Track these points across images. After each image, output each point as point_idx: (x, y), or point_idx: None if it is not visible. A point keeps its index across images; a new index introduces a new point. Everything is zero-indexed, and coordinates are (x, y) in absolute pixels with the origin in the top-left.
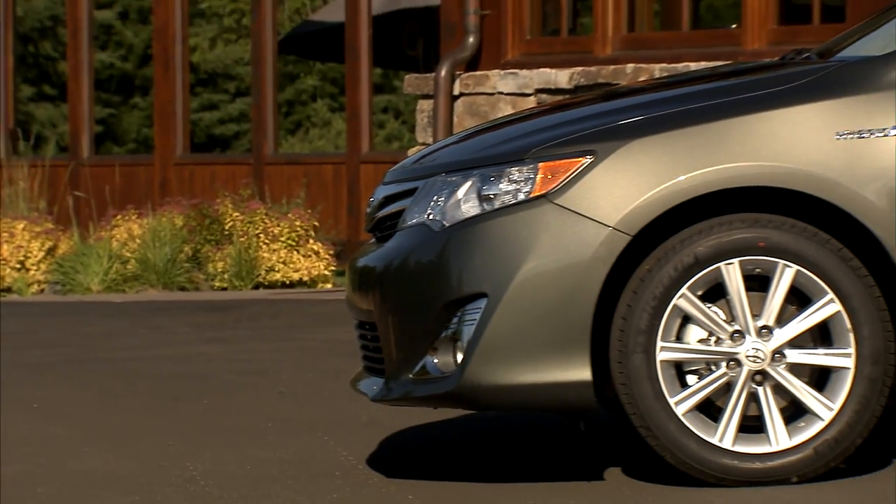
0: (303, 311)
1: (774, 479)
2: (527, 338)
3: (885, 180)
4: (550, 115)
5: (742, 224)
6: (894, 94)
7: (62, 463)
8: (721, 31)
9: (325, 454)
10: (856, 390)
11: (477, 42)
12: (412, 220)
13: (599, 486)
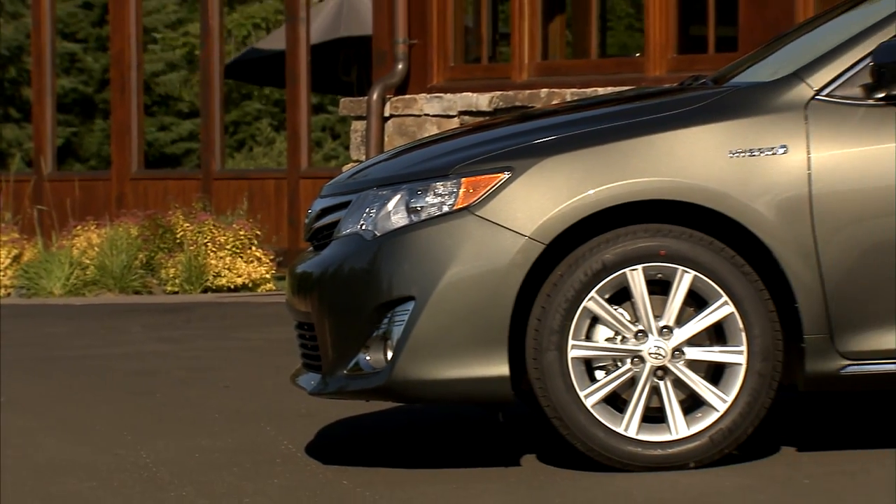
0: (246, 312)
1: (674, 465)
2: (450, 337)
3: (774, 194)
4: (472, 135)
5: (645, 234)
6: (782, 117)
7: (27, 452)
8: (626, 59)
9: (267, 443)
10: (747, 384)
11: (405, 69)
12: (346, 230)
13: (516, 472)
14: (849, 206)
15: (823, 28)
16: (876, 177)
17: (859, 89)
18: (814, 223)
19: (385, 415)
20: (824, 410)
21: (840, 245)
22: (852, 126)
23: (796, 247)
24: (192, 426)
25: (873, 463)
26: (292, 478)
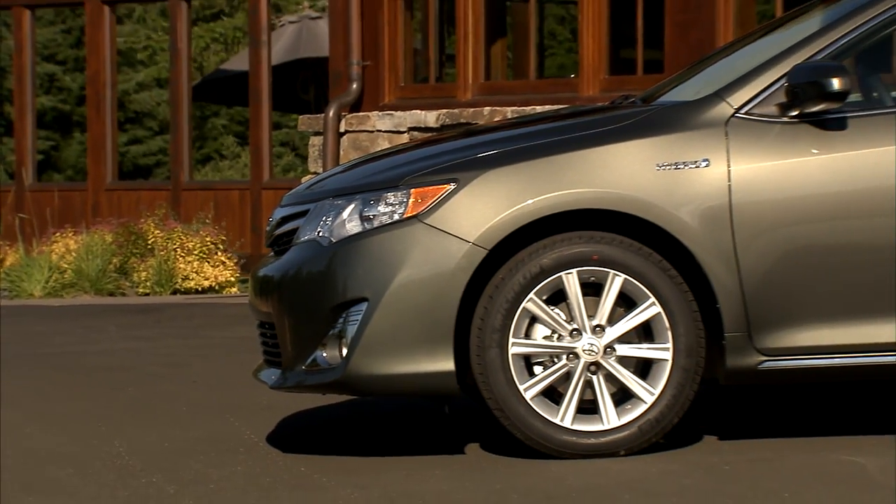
0: (213, 313)
1: (606, 453)
2: (401, 335)
3: (697, 204)
4: (420, 149)
5: (580, 240)
6: (704, 133)
7: (11, 442)
8: (562, 80)
9: (231, 433)
10: (673, 378)
11: (359, 88)
12: (304, 236)
13: (461, 459)
14: (766, 214)
15: (742, 51)
16: (790, 188)
17: (775, 108)
18: (733, 230)
19: (340, 407)
20: (744, 402)
21: (758, 251)
22: (769, 141)
23: (717, 252)
24: (162, 418)
25: (788, 450)
26: (254, 465)
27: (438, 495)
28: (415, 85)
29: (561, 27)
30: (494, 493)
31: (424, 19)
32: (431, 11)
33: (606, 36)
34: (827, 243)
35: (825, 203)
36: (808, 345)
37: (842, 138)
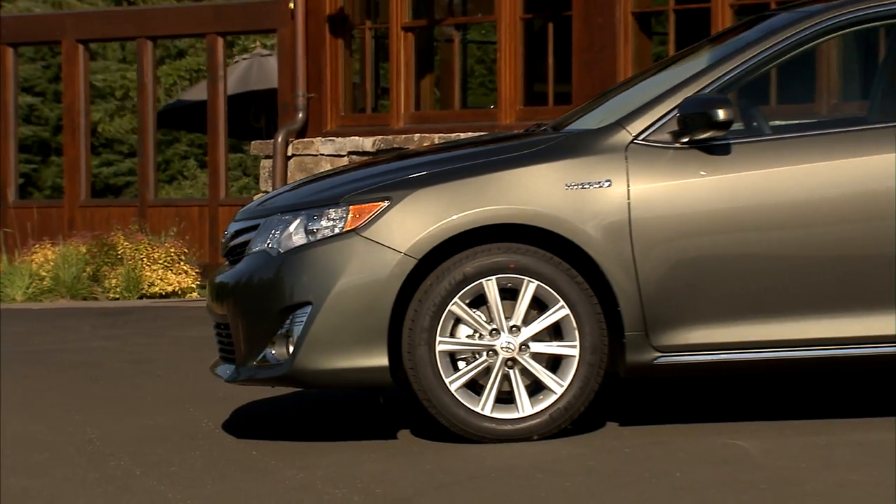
0: (175, 315)
1: (521, 438)
2: (341, 334)
3: (601, 219)
4: (358, 171)
5: (498, 251)
6: (607, 157)
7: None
8: (483, 110)
9: (191, 422)
10: (580, 372)
11: (305, 117)
12: (256, 247)
13: (394, 444)
14: (660, 228)
15: (639, 86)
16: (682, 205)
17: (668, 135)
18: (632, 242)
19: (288, 398)
20: (642, 393)
21: (653, 260)
22: (663, 164)
23: (618, 261)
24: (129, 408)
25: (680, 435)
26: (211, 450)
27: (374, 475)
28: (353, 114)
29: (481, 65)
30: (423, 473)
31: (362, 57)
32: (368, 50)
33: (521, 72)
34: (713, 254)
35: (712, 219)
36: (697, 342)
37: (726, 162)
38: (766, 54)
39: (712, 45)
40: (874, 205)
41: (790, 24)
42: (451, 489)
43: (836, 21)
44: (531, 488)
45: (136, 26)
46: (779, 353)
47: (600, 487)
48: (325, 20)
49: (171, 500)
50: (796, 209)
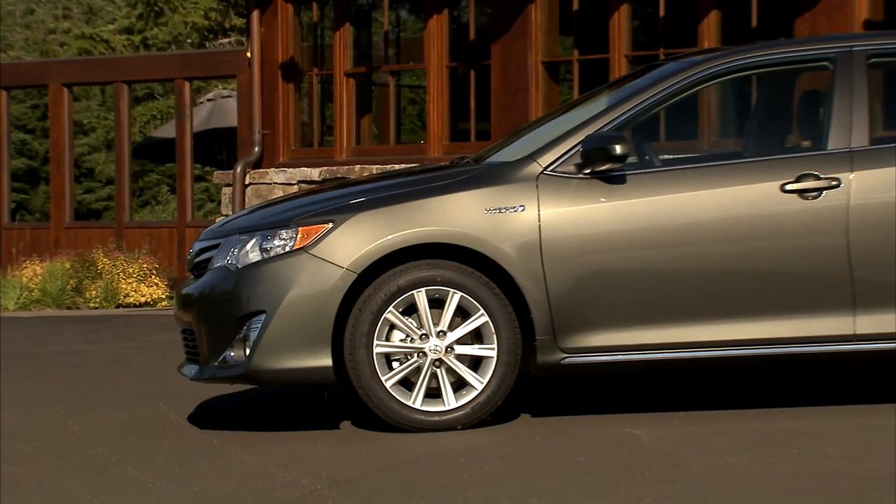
0: (147, 322)
1: (447, 427)
2: (291, 338)
3: (515, 239)
4: (306, 197)
5: (428, 266)
6: (520, 185)
7: None
8: (414, 145)
9: (160, 415)
10: (497, 371)
11: (260, 151)
12: (217, 263)
13: (337, 433)
14: (566, 247)
15: (549, 124)
16: (584, 227)
17: (573, 167)
18: (542, 259)
19: (245, 394)
20: (551, 388)
21: (560, 274)
22: (568, 192)
23: (530, 275)
24: (107, 403)
25: (584, 425)
26: (178, 439)
27: (320, 460)
28: (302, 148)
29: (413, 105)
30: (362, 458)
31: (310, 99)
32: (315, 93)
33: (447, 112)
34: (611, 269)
35: (610, 239)
36: (598, 345)
37: (622, 190)
38: (655, 98)
39: (610, 90)
40: (748, 227)
41: (676, 73)
42: (387, 472)
43: (714, 70)
44: (455, 471)
45: (113, 72)
46: (667, 355)
47: (514, 470)
48: (277, 67)
49: (143, 483)
50: (682, 230)
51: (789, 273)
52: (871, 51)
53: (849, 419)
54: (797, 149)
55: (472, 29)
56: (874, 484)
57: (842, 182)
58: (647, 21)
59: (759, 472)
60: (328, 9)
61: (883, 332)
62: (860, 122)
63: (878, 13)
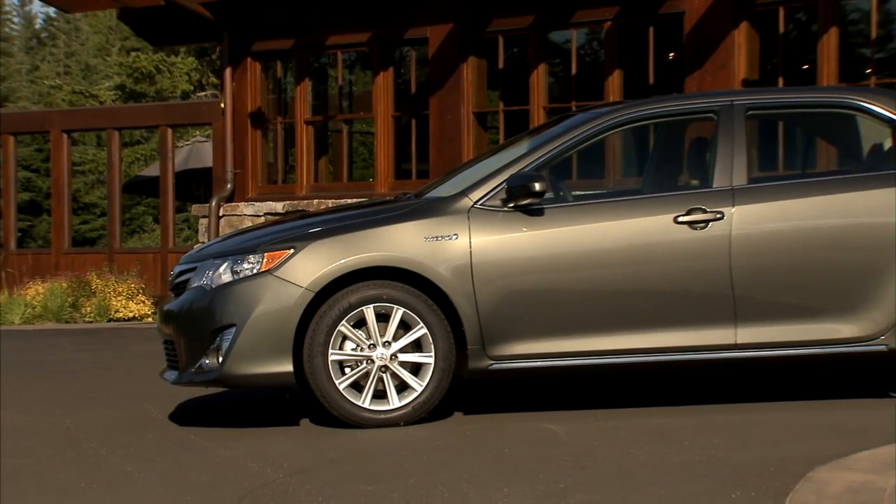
0: (134, 334)
1: (392, 424)
2: (258, 348)
3: (450, 263)
4: (271, 227)
5: (375, 286)
6: (454, 217)
7: None
8: (364, 182)
9: (145, 414)
10: (434, 375)
11: (232, 187)
12: (194, 284)
13: (297, 429)
14: (493, 270)
15: (478, 165)
16: (508, 252)
17: (499, 201)
18: (473, 280)
19: (218, 396)
20: (480, 390)
21: (488, 293)
22: (495, 223)
23: (462, 294)
24: (98, 403)
25: (508, 421)
26: (160, 435)
27: (283, 452)
28: (268, 185)
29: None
30: (319, 450)
31: (274, 143)
32: (279, 138)
33: (392, 154)
34: (531, 288)
35: (530, 262)
36: (520, 353)
37: (541, 221)
38: (568, 143)
39: (530, 136)
40: (646, 253)
41: (585, 122)
42: (340, 462)
43: (618, 120)
44: (398, 461)
45: (106, 120)
46: (579, 361)
47: (449, 460)
48: (247, 116)
49: (129, 473)
50: (591, 256)
51: (681, 292)
52: (749, 104)
53: (731, 415)
54: (687, 187)
55: (414, 84)
56: (753, 469)
57: (725, 215)
58: (561, 78)
59: (655, 460)
60: (290, 66)
61: (760, 342)
62: (740, 165)
63: (755, 73)
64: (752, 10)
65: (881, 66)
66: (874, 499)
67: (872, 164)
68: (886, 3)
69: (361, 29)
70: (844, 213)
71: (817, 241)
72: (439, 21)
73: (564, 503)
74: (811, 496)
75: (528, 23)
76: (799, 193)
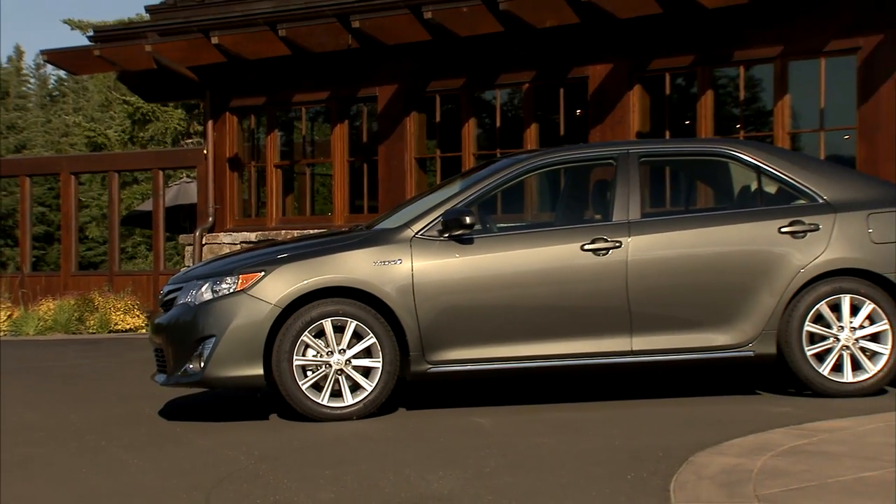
0: (130, 343)
1: (346, 418)
2: (234, 355)
3: (395, 283)
4: (246, 253)
5: (333, 303)
6: (399, 245)
7: (6, 418)
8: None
9: (138, 411)
10: (382, 377)
11: (213, 220)
12: (180, 301)
13: (266, 423)
14: (431, 289)
15: (419, 202)
16: (443, 274)
17: (436, 232)
18: (414, 297)
19: (201, 395)
20: (421, 390)
21: (427, 308)
22: (433, 250)
23: (406, 309)
24: (98, 402)
25: (444, 416)
26: (151, 428)
27: (254, 441)
28: (243, 218)
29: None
30: (285, 440)
31: (249, 183)
32: (252, 179)
33: (348, 192)
34: (463, 305)
35: (461, 283)
36: (453, 359)
37: (471, 249)
38: (494, 184)
39: (462, 177)
40: (557, 275)
41: (508, 166)
42: (303, 450)
43: (535, 164)
44: (352, 449)
45: (107, 164)
46: (503, 365)
47: (393, 448)
48: (226, 161)
49: (124, 460)
50: (512, 277)
51: (586, 307)
52: (642, 153)
53: (627, 410)
54: (591, 220)
55: (365, 134)
56: (645, 455)
57: (622, 244)
58: (488, 129)
59: (565, 448)
60: (262, 119)
61: (651, 349)
62: (634, 203)
63: (647, 127)
64: (644, 76)
65: (748, 121)
66: (743, 478)
67: (742, 202)
68: (750, 70)
69: (322, 89)
70: (720, 242)
71: (698, 265)
72: (386, 83)
73: (489, 484)
74: (691, 476)
75: (460, 84)
76: (683, 226)
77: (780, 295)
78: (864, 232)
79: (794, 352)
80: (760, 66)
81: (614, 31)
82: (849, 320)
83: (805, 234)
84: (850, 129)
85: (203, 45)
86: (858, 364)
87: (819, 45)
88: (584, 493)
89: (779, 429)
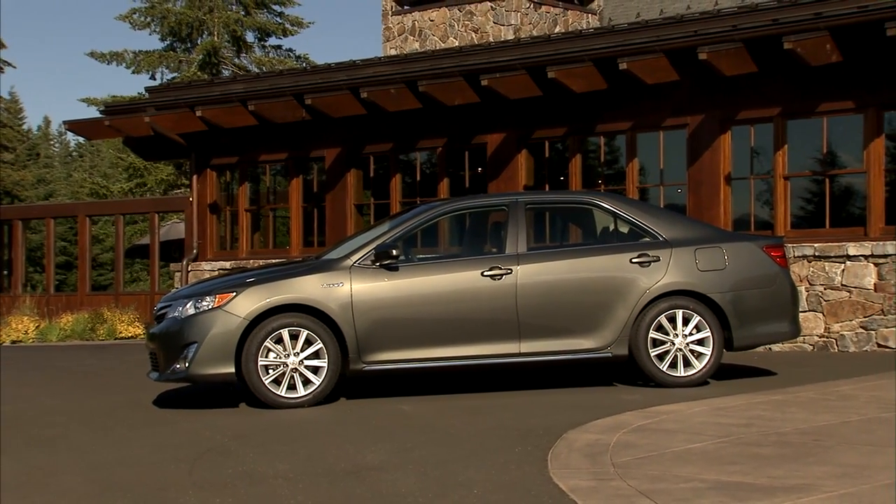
0: (132, 348)
1: (300, 406)
2: (212, 357)
3: (339, 301)
4: (221, 278)
5: (289, 316)
6: (341, 272)
7: (31, 405)
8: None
9: (136, 400)
10: (327, 374)
11: (197, 251)
12: (170, 315)
13: (237, 410)
14: (365, 305)
15: (357, 237)
16: (375, 294)
17: (370, 261)
18: (353, 312)
19: (185, 389)
20: (358, 384)
21: (362, 320)
22: (367, 275)
23: (346, 321)
24: (107, 392)
25: (376, 404)
26: (147, 414)
27: (227, 425)
28: (220, 251)
29: (283, 226)
30: (252, 423)
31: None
32: (228, 220)
33: (302, 230)
34: (390, 318)
35: (389, 301)
36: (383, 359)
37: (397, 274)
38: (415, 224)
39: (390, 219)
40: (463, 295)
41: (426, 210)
42: (267, 430)
43: (446, 209)
44: (304, 429)
45: (115, 208)
46: (422, 364)
47: (337, 429)
48: (207, 206)
49: (127, 437)
50: (428, 296)
51: (485, 320)
52: (527, 201)
53: (517, 398)
54: (489, 253)
55: (316, 185)
56: (533, 432)
57: (513, 271)
58: (410, 182)
59: (470, 427)
60: (235, 174)
61: (535, 352)
62: (522, 239)
63: (531, 181)
64: (529, 143)
65: (608, 178)
66: (603, 450)
67: (603, 239)
68: (608, 140)
69: (282, 150)
70: (587, 269)
71: (570, 287)
72: (332, 146)
73: (411, 456)
74: (564, 449)
75: (389, 147)
76: (559, 257)
77: (632, 310)
78: (693, 262)
79: (642, 353)
80: (616, 136)
81: (506, 108)
82: (682, 329)
83: (650, 263)
84: (681, 185)
85: (190, 117)
86: (689, 362)
87: (658, 122)
88: (484, 461)
89: (629, 412)
